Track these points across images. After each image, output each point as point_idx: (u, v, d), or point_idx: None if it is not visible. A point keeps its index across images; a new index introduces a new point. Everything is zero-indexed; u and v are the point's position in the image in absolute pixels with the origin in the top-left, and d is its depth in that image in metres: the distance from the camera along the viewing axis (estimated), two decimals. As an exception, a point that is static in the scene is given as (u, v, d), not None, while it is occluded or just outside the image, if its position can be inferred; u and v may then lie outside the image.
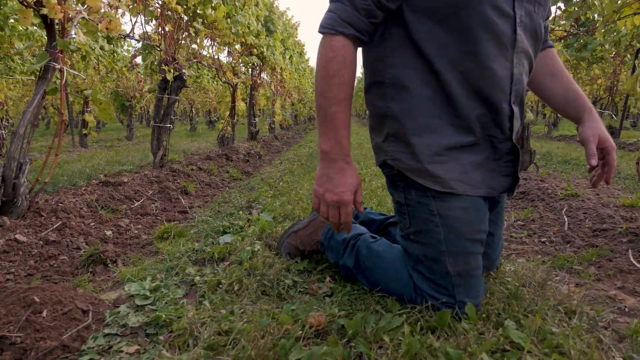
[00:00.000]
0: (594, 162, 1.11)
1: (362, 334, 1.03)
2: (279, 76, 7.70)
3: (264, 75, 6.96)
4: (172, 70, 3.16)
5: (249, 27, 4.96)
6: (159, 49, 3.18)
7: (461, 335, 1.00)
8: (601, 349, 0.99)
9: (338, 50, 1.03)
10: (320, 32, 1.07)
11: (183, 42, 3.55)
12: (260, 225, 1.87)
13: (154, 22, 3.09)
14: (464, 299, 1.10)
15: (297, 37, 9.81)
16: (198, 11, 3.50)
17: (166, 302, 1.24)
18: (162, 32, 3.15)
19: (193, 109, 13.63)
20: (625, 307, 1.27)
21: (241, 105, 5.23)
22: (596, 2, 2.23)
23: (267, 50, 6.08)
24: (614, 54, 6.97)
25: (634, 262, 1.59)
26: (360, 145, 6.64)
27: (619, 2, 1.92)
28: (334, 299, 1.27)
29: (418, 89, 1.08)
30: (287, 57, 8.68)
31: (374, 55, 1.16)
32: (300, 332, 1.02)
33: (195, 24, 3.48)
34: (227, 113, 5.30)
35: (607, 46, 6.43)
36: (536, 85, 1.33)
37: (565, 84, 1.28)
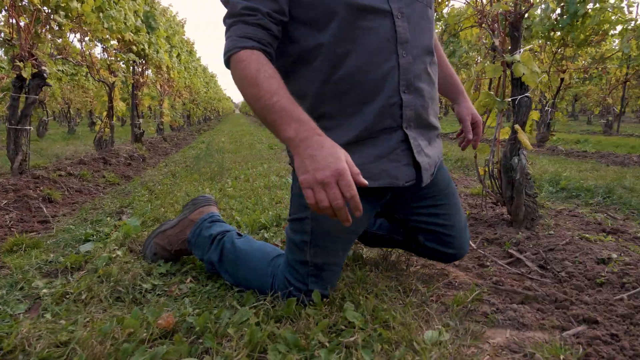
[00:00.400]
0: (471, 135, 1.47)
1: (210, 330, 1.05)
2: (165, 75, 7.37)
3: (149, 73, 6.60)
4: (29, 67, 2.87)
5: (125, 23, 4.68)
6: (10, 44, 2.87)
7: (304, 320, 1.07)
8: (424, 319, 1.13)
9: (247, 57, 1.00)
10: (225, 61, 1.04)
11: (45, 36, 3.23)
12: (124, 231, 1.79)
13: (3, 12, 2.77)
14: (314, 288, 1.17)
15: (184, 35, 9.46)
16: (61, 3, 3.22)
17: (0, 319, 1.14)
18: (16, 24, 2.84)
19: (71, 109, 12.40)
20: (456, 281, 1.46)
21: (120, 106, 4.92)
22: (445, 15, 2.52)
23: (149, 48, 5.79)
24: (477, 61, 7.84)
25: (470, 243, 1.83)
26: (251, 145, 6.64)
27: (457, 16, 2.19)
28: (192, 298, 1.27)
29: (314, 96, 1.13)
30: (175, 55, 8.34)
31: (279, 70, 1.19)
32: (146, 334, 1.01)
33: (57, 17, 3.20)
34: (105, 113, 4.94)
35: (471, 53, 7.23)
36: None
37: (444, 70, 1.48)
